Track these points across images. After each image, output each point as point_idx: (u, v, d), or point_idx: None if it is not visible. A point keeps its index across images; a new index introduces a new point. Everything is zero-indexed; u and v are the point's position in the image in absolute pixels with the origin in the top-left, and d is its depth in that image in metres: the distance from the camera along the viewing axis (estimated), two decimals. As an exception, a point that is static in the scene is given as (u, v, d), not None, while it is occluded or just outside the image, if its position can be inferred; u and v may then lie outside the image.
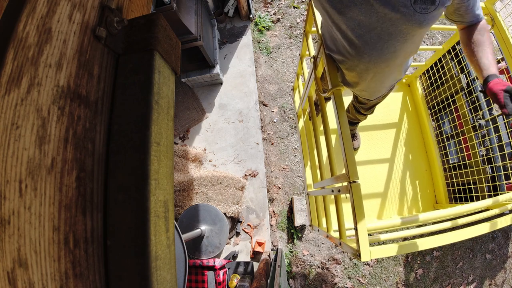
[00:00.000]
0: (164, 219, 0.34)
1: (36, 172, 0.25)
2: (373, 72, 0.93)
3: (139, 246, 0.29)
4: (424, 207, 1.62)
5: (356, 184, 0.73)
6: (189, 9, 2.12)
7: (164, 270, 0.32)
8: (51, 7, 0.28)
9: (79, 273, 0.28)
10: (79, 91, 0.30)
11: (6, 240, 0.22)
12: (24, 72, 0.25)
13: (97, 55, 0.33)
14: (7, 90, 0.23)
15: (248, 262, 1.92)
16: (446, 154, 1.60)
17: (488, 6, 1.21)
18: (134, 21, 0.37)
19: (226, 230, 2.01)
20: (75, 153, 0.29)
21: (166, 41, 0.37)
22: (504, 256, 2.16)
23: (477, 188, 1.39)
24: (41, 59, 0.26)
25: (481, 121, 1.40)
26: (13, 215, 0.22)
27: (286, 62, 2.74)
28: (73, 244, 0.28)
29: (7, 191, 0.22)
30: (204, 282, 1.69)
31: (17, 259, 0.22)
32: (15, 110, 0.24)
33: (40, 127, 0.25)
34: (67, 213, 0.27)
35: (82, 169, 0.29)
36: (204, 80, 2.58)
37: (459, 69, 1.50)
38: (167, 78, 0.38)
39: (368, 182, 1.66)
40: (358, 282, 2.11)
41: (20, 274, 0.22)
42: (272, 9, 2.96)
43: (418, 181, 1.67)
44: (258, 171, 2.39)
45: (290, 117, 2.55)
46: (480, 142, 1.41)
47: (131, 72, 0.35)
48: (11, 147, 0.23)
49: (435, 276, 2.11)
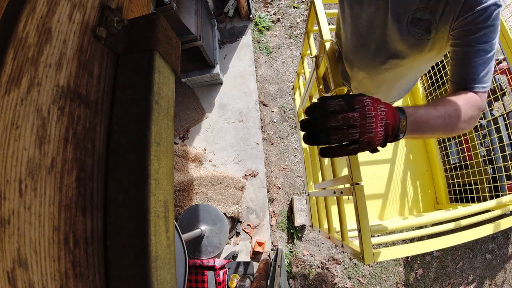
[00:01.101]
0: (164, 219, 0.34)
1: (36, 172, 0.24)
2: (362, 74, 0.92)
3: (139, 246, 0.29)
4: (424, 208, 1.61)
5: (359, 186, 0.72)
6: (189, 9, 2.12)
7: (164, 270, 0.32)
8: (51, 7, 0.28)
9: (79, 273, 0.28)
10: (79, 91, 0.30)
11: (6, 240, 0.22)
12: (24, 72, 0.25)
13: (97, 55, 0.33)
14: (7, 90, 0.23)
15: (248, 262, 1.92)
16: (447, 155, 1.60)
17: (489, 6, 1.20)
18: (134, 21, 0.37)
19: (226, 230, 2.01)
20: (75, 153, 0.29)
21: (166, 41, 0.37)
22: (504, 256, 2.15)
23: (478, 188, 1.39)
24: (41, 59, 0.26)
25: (482, 121, 1.39)
26: (13, 215, 0.22)
27: (286, 62, 2.74)
28: (73, 244, 0.27)
29: (7, 191, 0.22)
30: (204, 282, 1.69)
31: (17, 259, 0.22)
32: (15, 110, 0.23)
33: (40, 127, 0.25)
34: (67, 213, 0.27)
35: (82, 169, 0.29)
36: (204, 80, 2.58)
37: (459, 69, 1.50)
38: (167, 78, 0.38)
39: (368, 182, 1.65)
40: (358, 282, 2.10)
41: (20, 274, 0.22)
42: (272, 9, 2.95)
43: (419, 181, 1.66)
44: (258, 171, 2.38)
45: (290, 117, 2.55)
46: (481, 143, 1.40)
47: (131, 72, 0.35)
48: (11, 147, 0.23)
49: (435, 276, 2.11)
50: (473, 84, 0.61)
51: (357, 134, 0.46)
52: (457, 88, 0.64)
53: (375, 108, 0.47)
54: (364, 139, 0.46)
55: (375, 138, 0.47)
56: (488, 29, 0.57)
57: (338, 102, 0.47)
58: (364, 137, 0.46)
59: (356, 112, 0.46)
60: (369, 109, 0.47)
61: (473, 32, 0.58)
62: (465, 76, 0.62)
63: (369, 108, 0.47)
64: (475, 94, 0.61)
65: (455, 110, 0.58)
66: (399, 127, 0.50)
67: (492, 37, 0.58)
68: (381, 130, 0.47)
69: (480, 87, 0.61)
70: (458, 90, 0.63)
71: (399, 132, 0.51)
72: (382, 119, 0.48)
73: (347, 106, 0.47)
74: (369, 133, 0.47)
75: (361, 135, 0.46)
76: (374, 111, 0.47)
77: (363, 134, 0.46)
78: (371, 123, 0.46)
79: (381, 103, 0.49)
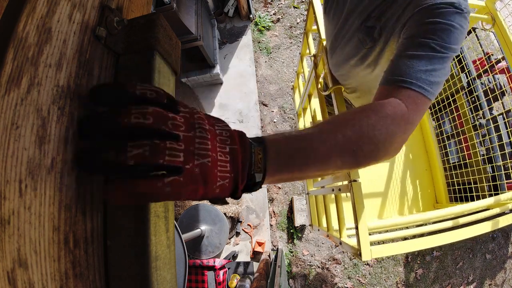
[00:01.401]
0: (164, 219, 0.34)
1: (36, 172, 0.25)
2: (339, 72, 0.89)
3: (139, 246, 0.29)
4: (424, 207, 1.62)
5: (357, 183, 0.73)
6: (189, 9, 2.12)
7: (164, 270, 0.32)
8: (51, 7, 0.28)
9: (79, 273, 0.28)
10: (79, 91, 0.30)
11: (6, 240, 0.22)
12: (24, 72, 0.25)
13: (97, 55, 0.33)
14: (7, 90, 0.23)
15: (248, 262, 1.92)
16: (446, 154, 1.60)
17: (488, 5, 1.20)
18: (134, 21, 0.37)
19: (226, 230, 2.01)
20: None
21: (166, 41, 0.37)
22: (504, 256, 2.15)
23: (478, 187, 1.39)
24: (41, 59, 0.26)
25: (481, 120, 1.40)
26: (13, 215, 0.22)
27: (286, 62, 2.74)
28: (73, 244, 0.28)
29: (7, 191, 0.22)
30: (204, 282, 1.69)
31: (17, 259, 0.22)
32: (15, 110, 0.23)
33: (40, 127, 0.25)
34: (67, 213, 0.27)
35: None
36: (204, 80, 2.58)
37: (459, 68, 1.50)
38: (167, 78, 0.38)
39: (368, 181, 1.66)
40: (358, 282, 2.11)
41: (20, 274, 0.22)
42: (272, 9, 2.95)
43: (418, 180, 1.66)
44: (258, 171, 2.38)
45: (290, 117, 2.55)
46: (481, 142, 1.41)
47: (131, 72, 0.35)
48: (11, 147, 0.23)
49: (435, 276, 2.11)
50: (404, 78, 0.44)
51: (180, 155, 0.25)
52: (379, 93, 0.47)
53: (211, 123, 0.29)
54: (192, 167, 0.25)
55: (213, 170, 0.27)
56: (435, 25, 0.46)
57: (150, 88, 0.27)
58: (193, 162, 0.25)
59: (180, 115, 0.27)
60: (200, 119, 0.28)
61: (416, 28, 0.49)
62: (395, 70, 0.46)
63: (199, 117, 0.28)
64: (400, 101, 0.42)
65: (358, 126, 0.37)
66: (252, 161, 0.30)
67: (443, 37, 0.46)
68: (225, 159, 0.28)
69: (415, 84, 0.43)
70: (378, 97, 0.46)
71: (253, 170, 0.30)
72: (224, 142, 0.29)
73: (168, 101, 0.27)
74: (202, 158, 0.26)
75: (187, 157, 0.25)
76: (209, 126, 0.29)
77: (191, 157, 0.25)
78: (204, 140, 0.27)
79: (221, 122, 0.31)
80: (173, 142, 0.25)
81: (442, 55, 0.46)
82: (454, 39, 0.46)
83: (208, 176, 0.26)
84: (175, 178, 0.24)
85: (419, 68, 0.44)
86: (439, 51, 0.46)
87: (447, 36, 0.46)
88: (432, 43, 0.46)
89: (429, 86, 0.44)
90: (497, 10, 1.20)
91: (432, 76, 0.44)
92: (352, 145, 0.36)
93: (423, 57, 0.45)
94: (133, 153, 0.23)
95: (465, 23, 0.48)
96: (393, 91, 0.44)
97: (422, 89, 0.44)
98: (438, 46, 0.46)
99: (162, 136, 0.24)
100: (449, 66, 0.48)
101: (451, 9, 0.46)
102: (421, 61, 0.45)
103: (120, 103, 0.25)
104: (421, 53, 0.46)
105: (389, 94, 0.44)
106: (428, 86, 0.44)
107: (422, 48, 0.46)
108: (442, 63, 0.46)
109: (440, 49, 0.46)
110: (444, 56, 0.46)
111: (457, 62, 1.51)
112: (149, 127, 0.24)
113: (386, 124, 0.39)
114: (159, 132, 0.24)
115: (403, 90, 0.44)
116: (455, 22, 0.46)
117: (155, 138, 0.24)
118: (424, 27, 0.47)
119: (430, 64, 0.45)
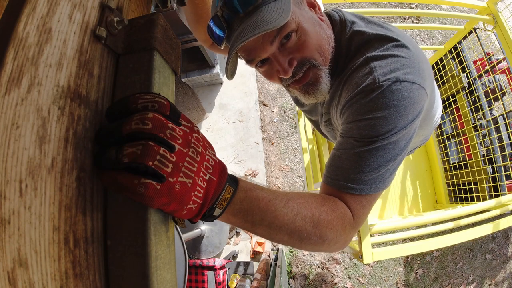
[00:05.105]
0: (164, 218, 0.34)
1: (36, 172, 0.25)
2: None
3: (139, 246, 0.29)
4: (424, 207, 1.61)
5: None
6: (189, 8, 2.12)
7: (164, 270, 0.32)
8: (51, 7, 0.28)
9: (79, 273, 0.28)
10: (79, 91, 0.30)
11: (6, 240, 0.22)
12: (24, 72, 0.25)
13: (97, 55, 0.33)
14: (7, 90, 0.23)
15: (248, 262, 1.92)
16: (446, 154, 1.60)
17: (490, 6, 1.20)
18: (134, 21, 0.37)
19: (226, 230, 2.01)
20: (75, 153, 0.29)
21: (166, 41, 0.37)
22: (504, 256, 2.15)
23: (478, 188, 1.39)
24: (41, 59, 0.26)
25: (482, 121, 1.39)
26: (13, 215, 0.22)
27: (287, 62, 2.74)
28: (73, 244, 0.28)
29: (7, 191, 0.22)
30: (204, 282, 1.69)
31: (17, 259, 0.22)
32: (15, 110, 0.24)
33: (40, 127, 0.25)
34: (67, 213, 0.27)
35: (82, 169, 0.29)
36: (204, 80, 2.58)
37: (460, 69, 1.50)
38: (167, 78, 0.38)
39: (368, 182, 1.65)
40: (358, 282, 2.11)
41: (20, 274, 0.22)
42: (273, 8, 2.95)
43: (418, 181, 1.66)
44: (258, 171, 2.38)
45: (290, 117, 2.55)
46: (481, 142, 1.40)
47: (131, 72, 0.35)
48: (11, 147, 0.23)
49: (435, 276, 2.11)
50: (343, 183, 0.45)
51: (170, 166, 0.26)
52: (324, 191, 0.48)
53: (205, 147, 0.31)
54: (175, 182, 0.27)
55: (190, 193, 0.28)
56: (360, 123, 0.45)
57: (157, 98, 0.28)
58: (177, 177, 0.27)
59: (180, 128, 0.29)
60: (197, 139, 0.30)
61: (346, 125, 0.48)
62: (336, 170, 0.47)
63: (196, 137, 0.30)
64: (347, 208, 0.44)
65: (316, 221, 0.40)
66: (220, 197, 0.32)
67: (365, 132, 0.44)
68: (202, 185, 0.29)
69: (355, 189, 0.44)
70: (325, 193, 0.47)
71: (217, 205, 0.32)
72: (207, 170, 0.30)
73: (171, 112, 0.29)
74: (186, 177, 0.27)
75: (175, 171, 0.26)
76: (203, 149, 0.30)
77: (177, 172, 0.27)
78: (194, 162, 0.28)
79: (212, 148, 0.34)
80: (166, 150, 0.27)
81: (370, 147, 0.44)
82: (382, 126, 0.44)
83: (184, 196, 0.28)
84: (152, 183, 0.26)
85: (358, 169, 0.44)
86: (367, 143, 0.44)
87: (371, 129, 0.44)
88: (354, 140, 0.45)
89: (369, 183, 0.44)
90: (499, 11, 1.20)
91: (371, 173, 0.44)
92: (304, 233, 0.39)
93: (357, 156, 0.45)
94: (127, 151, 0.26)
95: (399, 96, 0.44)
96: (339, 194, 0.46)
97: (363, 191, 0.45)
98: (363, 139, 0.45)
99: (159, 142, 0.26)
100: (396, 148, 0.45)
101: (390, 85, 0.43)
102: (357, 161, 0.45)
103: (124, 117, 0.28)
104: (351, 151, 0.45)
105: (336, 196, 0.46)
106: (369, 184, 0.44)
107: (351, 146, 0.45)
108: (395, 157, 0.45)
109: (367, 140, 0.44)
110: (400, 154, 0.45)
111: (458, 63, 1.51)
112: (148, 132, 0.26)
113: (337, 226, 0.42)
114: (157, 138, 0.26)
115: (347, 195, 0.45)
116: (383, 106, 0.43)
117: (150, 141, 0.26)
118: (365, 122, 0.46)
119: (363, 160, 0.44)
